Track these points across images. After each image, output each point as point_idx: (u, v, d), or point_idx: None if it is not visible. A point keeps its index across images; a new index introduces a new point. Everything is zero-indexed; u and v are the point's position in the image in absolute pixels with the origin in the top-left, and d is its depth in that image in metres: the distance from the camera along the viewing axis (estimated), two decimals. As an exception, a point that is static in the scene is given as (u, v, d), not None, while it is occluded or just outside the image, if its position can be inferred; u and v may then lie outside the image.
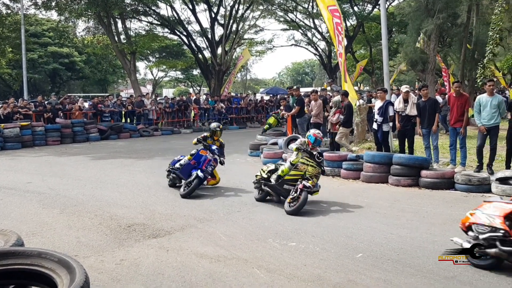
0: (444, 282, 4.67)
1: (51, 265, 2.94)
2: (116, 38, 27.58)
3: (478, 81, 14.15)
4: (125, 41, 28.36)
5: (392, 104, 11.26)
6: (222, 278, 4.82)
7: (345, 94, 12.28)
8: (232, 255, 5.51)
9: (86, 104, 24.75)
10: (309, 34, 39.06)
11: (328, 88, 20.69)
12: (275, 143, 13.58)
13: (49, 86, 45.81)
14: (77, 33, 35.19)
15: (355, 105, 12.81)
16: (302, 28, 37.94)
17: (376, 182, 10.02)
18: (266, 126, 19.67)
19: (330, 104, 13.49)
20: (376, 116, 11.36)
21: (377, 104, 11.54)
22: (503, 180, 8.82)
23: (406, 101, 11.06)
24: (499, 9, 14.52)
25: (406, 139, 11.17)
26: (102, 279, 4.76)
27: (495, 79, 24.21)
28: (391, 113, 11.10)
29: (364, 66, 34.12)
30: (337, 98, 12.88)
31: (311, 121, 13.53)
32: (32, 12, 30.75)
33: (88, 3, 24.65)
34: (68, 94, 30.95)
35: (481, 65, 14.61)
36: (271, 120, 19.01)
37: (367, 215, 7.37)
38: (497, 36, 14.22)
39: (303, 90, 25.28)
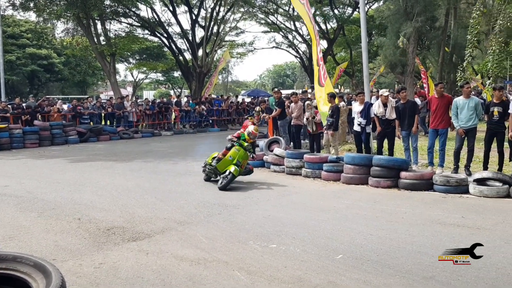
0: (423, 282, 4.71)
1: (26, 269, 2.89)
2: (96, 40, 27.34)
3: (458, 83, 14.36)
4: (104, 42, 28.13)
5: (372, 105, 11.36)
6: (202, 281, 4.79)
7: (333, 96, 12.20)
8: (213, 257, 5.49)
9: (65, 106, 24.53)
10: (290, 37, 39.28)
11: (309, 90, 20.77)
12: (257, 145, 13.58)
13: (27, 88, 45.22)
14: (55, 35, 34.86)
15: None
16: (283, 31, 38.12)
17: (356, 183, 10.08)
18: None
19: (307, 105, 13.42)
20: (360, 119, 11.42)
21: (358, 107, 11.61)
22: (480, 181, 8.96)
23: (385, 105, 11.13)
24: (477, 12, 14.80)
25: (387, 141, 11.26)
26: (80, 283, 4.69)
27: (475, 84, 24.61)
28: (372, 114, 11.18)
29: (345, 68, 34.35)
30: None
31: (291, 123, 13.57)
32: (9, 13, 30.36)
33: (67, 4, 24.43)
34: (47, 96, 30.51)
35: (461, 68, 14.84)
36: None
37: (347, 217, 7.40)
38: (475, 39, 14.47)
39: (284, 92, 25.33)
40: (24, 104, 20.89)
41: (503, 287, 4.59)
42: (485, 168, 9.72)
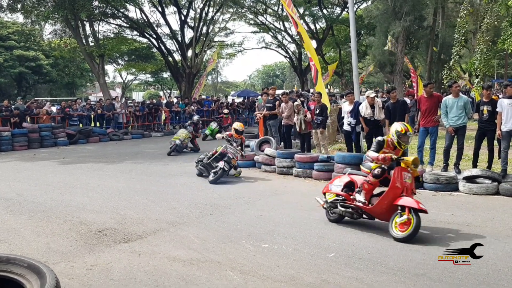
0: (414, 279, 4.75)
1: (20, 270, 2.88)
2: (84, 41, 27.15)
3: (445, 82, 14.48)
4: (93, 44, 27.96)
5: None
6: (195, 281, 4.79)
7: (320, 94, 12.31)
8: (205, 258, 5.49)
9: (54, 109, 24.32)
10: (279, 37, 39.35)
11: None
12: (247, 146, 13.59)
13: (15, 90, 44.84)
14: (43, 36, 34.58)
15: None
16: (272, 31, 38.17)
17: (347, 182, 10.10)
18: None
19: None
20: (350, 119, 11.48)
21: (347, 106, 11.67)
22: (470, 179, 9.04)
23: (372, 106, 11.17)
24: (464, 12, 14.92)
25: (376, 140, 11.31)
26: (72, 285, 4.67)
27: (464, 83, 24.83)
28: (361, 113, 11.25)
29: (334, 69, 34.48)
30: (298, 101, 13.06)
31: (282, 123, 13.59)
32: (-4, 15, 30.09)
33: (55, 5, 24.25)
34: (35, 98, 30.29)
35: (448, 67, 14.96)
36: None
37: (339, 215, 7.43)
38: (463, 38, 14.59)
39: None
40: (12, 107, 20.72)
41: (493, 282, 4.64)
42: (475, 166, 9.82)
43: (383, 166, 6.63)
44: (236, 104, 31.01)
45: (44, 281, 2.70)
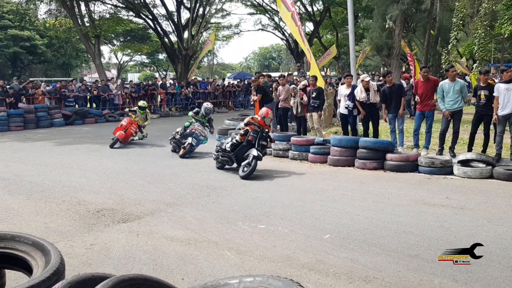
0: (407, 260, 4.84)
1: (25, 248, 2.94)
2: (80, 21, 26.92)
3: (443, 66, 14.50)
4: (88, 24, 27.73)
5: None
6: (193, 261, 4.87)
7: (315, 78, 12.33)
8: (203, 238, 5.56)
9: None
10: (276, 19, 39.05)
11: (295, 73, 20.77)
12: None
13: (10, 70, 44.48)
14: (38, 16, 34.21)
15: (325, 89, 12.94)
16: (269, 13, 37.90)
17: (342, 165, 10.20)
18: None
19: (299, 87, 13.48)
20: (347, 102, 11.50)
21: (345, 90, 11.69)
22: (464, 162, 9.14)
23: (367, 89, 11.19)
24: (462, -5, 14.85)
25: (371, 124, 11.38)
26: (72, 264, 4.74)
27: (459, 70, 24.81)
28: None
29: (335, 54, 34.43)
30: (305, 82, 12.97)
31: (279, 106, 13.60)
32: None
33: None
34: (31, 79, 30.06)
35: (445, 51, 14.96)
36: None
37: (334, 198, 7.52)
38: (460, 22, 14.56)
39: (271, 75, 25.17)
40: (8, 87, 20.60)
41: (485, 264, 4.73)
42: (470, 150, 9.92)
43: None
44: (232, 86, 30.92)
45: (48, 258, 2.75)
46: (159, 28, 30.91)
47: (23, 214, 6.65)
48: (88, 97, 23.04)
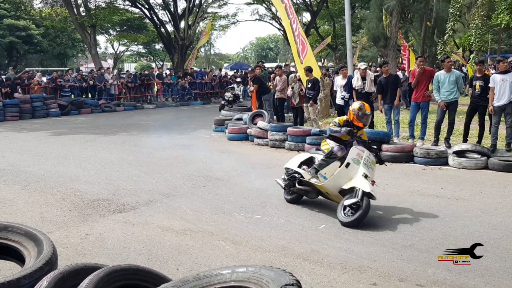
0: (401, 250, 4.86)
1: (18, 238, 2.93)
2: (75, 11, 26.76)
3: (439, 57, 14.47)
4: (84, 13, 27.55)
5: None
6: (188, 251, 4.88)
7: (309, 70, 12.32)
8: (198, 228, 5.57)
9: (45, 79, 24.06)
10: (273, 9, 38.73)
11: (292, 63, 20.72)
12: (240, 119, 13.60)
13: (5, 60, 44.21)
14: (34, 5, 33.97)
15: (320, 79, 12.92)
16: (266, 2, 37.65)
17: (338, 156, 10.19)
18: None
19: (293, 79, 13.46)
20: (344, 93, 11.49)
21: (341, 81, 11.67)
22: (459, 153, 9.17)
23: (364, 78, 11.18)
24: (459, -14, 14.79)
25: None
26: (67, 254, 4.74)
27: (455, 59, 24.80)
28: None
29: (328, 42, 34.39)
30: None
31: (275, 97, 13.59)
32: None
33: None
34: (27, 69, 29.92)
35: (442, 42, 14.93)
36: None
37: (330, 188, 7.51)
38: (457, 13, 14.52)
39: (268, 66, 25.19)
40: (3, 77, 20.49)
41: (479, 254, 4.75)
42: (465, 140, 9.93)
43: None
44: (229, 76, 30.85)
45: (41, 248, 2.76)
46: (155, 18, 30.72)
47: (18, 204, 6.65)
48: (84, 87, 22.95)
